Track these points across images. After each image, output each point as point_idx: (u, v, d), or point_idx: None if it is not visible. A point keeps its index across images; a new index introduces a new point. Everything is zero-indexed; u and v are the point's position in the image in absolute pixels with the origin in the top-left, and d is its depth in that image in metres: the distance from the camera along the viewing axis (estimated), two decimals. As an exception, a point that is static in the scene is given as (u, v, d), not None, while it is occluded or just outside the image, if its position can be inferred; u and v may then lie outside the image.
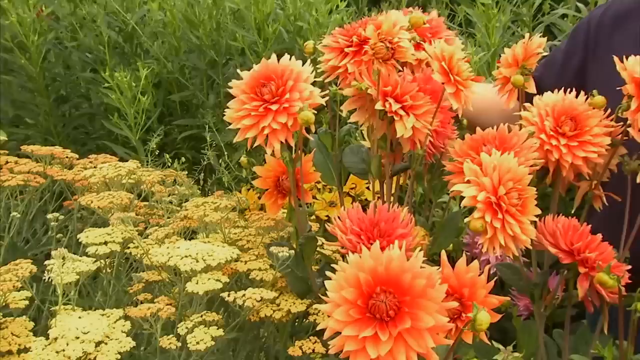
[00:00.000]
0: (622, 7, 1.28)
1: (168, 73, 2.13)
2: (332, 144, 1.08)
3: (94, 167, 1.28)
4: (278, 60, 0.94)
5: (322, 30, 2.03)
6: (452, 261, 0.83)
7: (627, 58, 1.02)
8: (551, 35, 2.15)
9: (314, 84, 0.93)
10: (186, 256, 0.97)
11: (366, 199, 1.63)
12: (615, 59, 0.96)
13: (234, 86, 0.93)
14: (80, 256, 1.00)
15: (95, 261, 0.99)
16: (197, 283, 0.94)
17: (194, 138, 2.11)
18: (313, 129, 0.91)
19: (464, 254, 0.87)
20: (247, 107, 0.90)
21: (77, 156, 1.41)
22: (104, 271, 1.07)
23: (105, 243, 1.02)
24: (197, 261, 0.96)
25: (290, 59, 0.94)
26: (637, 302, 0.88)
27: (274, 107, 0.89)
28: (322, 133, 1.08)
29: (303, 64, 0.93)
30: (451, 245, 1.22)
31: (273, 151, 0.91)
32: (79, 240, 1.05)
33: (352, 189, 1.67)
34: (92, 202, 1.11)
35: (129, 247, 1.08)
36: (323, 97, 0.92)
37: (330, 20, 2.06)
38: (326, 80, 0.99)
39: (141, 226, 1.22)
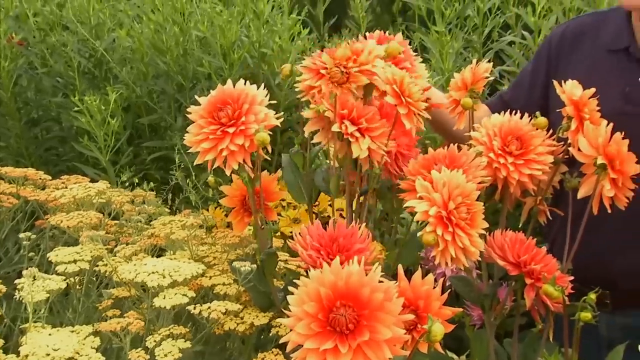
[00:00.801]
0: (580, 25, 1.31)
1: (137, 97, 2.11)
2: (304, 164, 1.08)
3: (65, 188, 1.26)
4: (234, 86, 0.94)
5: (286, 56, 2.04)
6: (411, 275, 0.84)
7: (582, 75, 1.05)
8: (500, 61, 2.19)
9: (273, 106, 0.94)
10: (153, 272, 0.96)
11: (329, 216, 1.64)
12: (555, 83, 0.99)
13: (193, 111, 0.94)
14: (52, 274, 0.99)
15: (65, 279, 0.98)
16: (164, 298, 0.94)
17: (162, 159, 2.09)
18: (270, 149, 0.92)
19: (420, 268, 0.88)
20: (205, 130, 0.91)
21: (49, 177, 1.40)
22: (74, 288, 1.06)
23: (75, 261, 1.01)
24: (164, 277, 0.95)
25: (254, 83, 0.95)
26: (579, 311, 0.90)
27: (230, 130, 0.90)
28: (294, 153, 1.09)
29: (257, 88, 0.94)
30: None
31: (235, 171, 0.91)
32: (49, 259, 1.03)
33: (314, 205, 1.67)
34: (62, 221, 1.10)
35: (98, 265, 1.07)
36: (278, 118, 0.92)
37: (293, 46, 2.07)
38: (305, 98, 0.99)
39: (112, 244, 1.21)
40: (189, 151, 0.94)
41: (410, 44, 2.17)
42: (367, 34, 1.11)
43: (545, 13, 2.03)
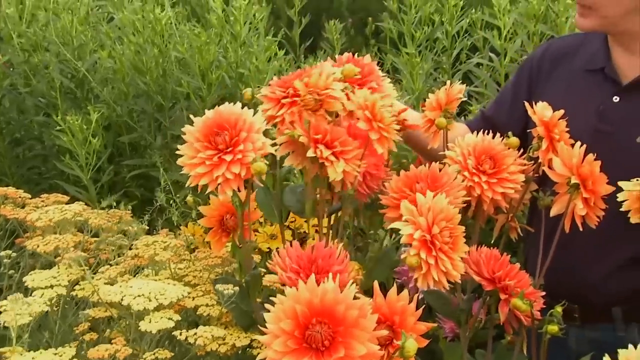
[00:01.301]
0: (560, 47, 1.31)
1: (117, 116, 2.09)
2: (274, 184, 1.06)
3: (45, 207, 1.23)
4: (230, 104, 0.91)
5: (262, 76, 2.03)
6: (384, 289, 0.82)
7: (561, 93, 1.04)
8: (468, 81, 2.20)
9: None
10: (139, 295, 0.92)
11: (304, 232, 1.62)
12: (526, 104, 0.98)
13: (187, 132, 0.89)
14: (31, 294, 0.95)
15: (46, 301, 0.94)
16: (150, 322, 0.90)
17: (142, 177, 2.07)
18: (264, 177, 0.89)
19: (394, 283, 0.86)
20: (202, 155, 0.87)
21: (29, 196, 1.36)
22: (51, 309, 1.02)
23: (52, 286, 0.96)
24: (150, 300, 0.91)
25: (232, 103, 0.92)
26: (547, 324, 0.89)
27: (227, 158, 0.86)
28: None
29: (254, 114, 0.91)
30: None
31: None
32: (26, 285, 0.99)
33: (292, 222, 1.65)
34: (38, 246, 1.06)
35: (74, 289, 1.03)
36: (272, 145, 0.90)
37: (269, 67, 2.06)
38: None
39: (91, 261, 1.18)
40: (182, 172, 0.89)
41: (382, 65, 2.16)
42: (336, 55, 1.10)
43: (511, 36, 2.05)
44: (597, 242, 1.15)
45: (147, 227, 1.48)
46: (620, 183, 0.91)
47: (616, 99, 1.16)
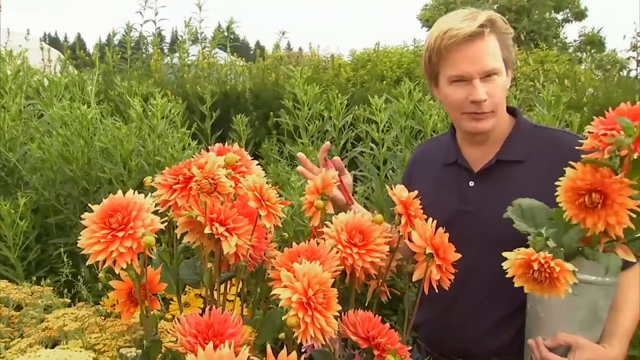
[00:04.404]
0: (420, 153, 1.42)
1: (45, 200, 2.02)
2: (171, 260, 1.04)
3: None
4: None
5: (177, 163, 2.00)
6: (286, 348, 0.81)
7: (429, 186, 1.11)
8: (355, 166, 2.26)
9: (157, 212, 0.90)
10: (46, 363, 0.87)
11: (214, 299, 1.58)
12: (387, 187, 1.02)
13: (86, 218, 0.88)
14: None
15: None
16: (56, 387, 0.85)
17: (68, 255, 1.97)
18: (155, 250, 0.87)
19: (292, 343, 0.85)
20: (97, 235, 0.85)
21: (-47, 278, 1.27)
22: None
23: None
24: (56, 366, 0.86)
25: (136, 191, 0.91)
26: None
27: (120, 234, 0.85)
28: (162, 251, 1.05)
29: (145, 197, 0.90)
30: (284, 334, 1.19)
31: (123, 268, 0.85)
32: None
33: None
34: (-41, 318, 0.99)
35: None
36: (163, 222, 0.89)
37: (183, 155, 2.05)
38: (161, 210, 0.96)
39: (15, 334, 1.10)
40: (82, 252, 0.87)
41: (282, 152, 2.17)
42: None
43: (387, 129, 2.14)
44: (477, 304, 1.20)
45: (70, 301, 1.41)
46: (505, 254, 0.92)
47: (471, 183, 1.24)
